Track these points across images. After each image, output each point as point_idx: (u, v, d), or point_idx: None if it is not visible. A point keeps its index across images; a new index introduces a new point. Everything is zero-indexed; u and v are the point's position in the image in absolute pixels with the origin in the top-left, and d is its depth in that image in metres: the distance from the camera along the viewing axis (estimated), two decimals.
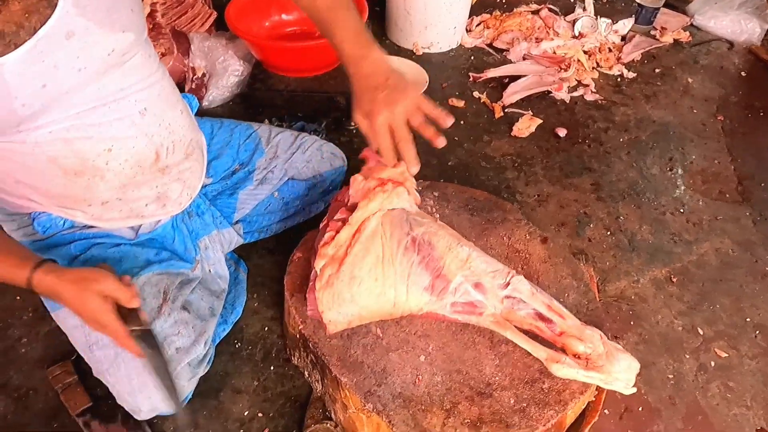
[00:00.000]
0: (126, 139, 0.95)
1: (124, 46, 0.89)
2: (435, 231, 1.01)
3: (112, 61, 0.88)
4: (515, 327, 0.98)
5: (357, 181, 1.05)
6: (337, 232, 0.98)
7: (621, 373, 0.94)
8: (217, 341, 1.20)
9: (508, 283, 0.98)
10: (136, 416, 1.03)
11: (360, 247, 0.96)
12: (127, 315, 0.88)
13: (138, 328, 0.88)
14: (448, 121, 0.94)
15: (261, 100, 1.84)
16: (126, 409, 1.01)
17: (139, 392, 0.98)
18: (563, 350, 0.96)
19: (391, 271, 0.96)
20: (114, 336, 0.88)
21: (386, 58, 0.95)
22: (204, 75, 1.87)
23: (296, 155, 1.36)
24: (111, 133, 0.93)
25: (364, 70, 0.93)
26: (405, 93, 0.91)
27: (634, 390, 0.96)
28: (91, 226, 1.04)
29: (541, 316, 0.97)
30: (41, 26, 0.78)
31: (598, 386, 1.08)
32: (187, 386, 1.04)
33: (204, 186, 1.22)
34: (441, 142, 0.93)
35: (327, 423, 1.06)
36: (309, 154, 1.37)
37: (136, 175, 1.01)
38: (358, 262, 0.95)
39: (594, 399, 1.08)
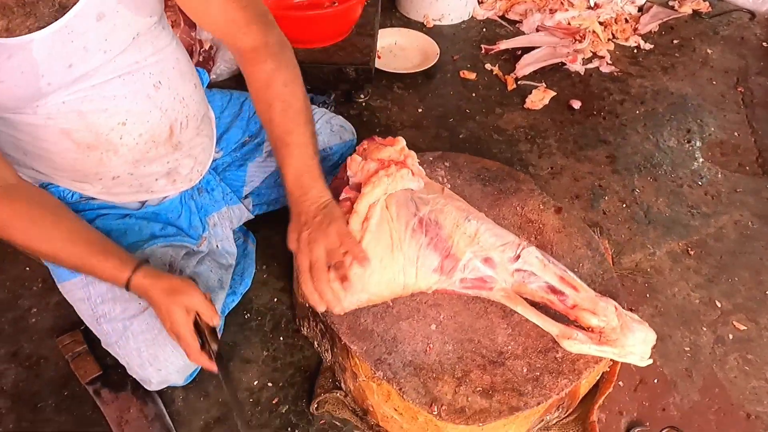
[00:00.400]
0: (141, 113, 0.93)
1: (147, 28, 0.89)
2: (441, 208, 0.99)
3: (135, 44, 0.88)
4: (526, 300, 0.96)
5: (355, 161, 1.03)
6: (346, 213, 0.96)
7: (635, 347, 0.92)
8: (227, 312, 1.19)
9: (518, 256, 0.96)
10: (146, 387, 1.03)
11: (370, 237, 0.94)
12: (203, 331, 0.91)
13: (213, 347, 0.91)
14: (365, 264, 0.92)
15: None
16: (136, 379, 1.01)
17: (149, 365, 0.97)
18: (576, 323, 0.94)
19: (400, 257, 0.95)
20: (187, 349, 0.90)
21: (323, 195, 0.95)
22: (211, 48, 1.84)
23: None
24: (126, 106, 0.91)
25: (298, 208, 0.94)
26: (326, 232, 0.90)
27: (650, 362, 0.94)
28: (92, 198, 1.03)
29: (552, 289, 0.95)
30: (72, 5, 0.77)
31: None
32: None
33: (214, 160, 1.20)
34: (347, 287, 0.90)
35: (337, 392, 1.05)
36: (318, 127, 1.34)
37: (150, 150, 0.98)
38: (369, 252, 0.93)
39: (609, 370, 1.06)
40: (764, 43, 2.21)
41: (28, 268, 1.30)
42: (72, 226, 0.89)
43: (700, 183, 1.60)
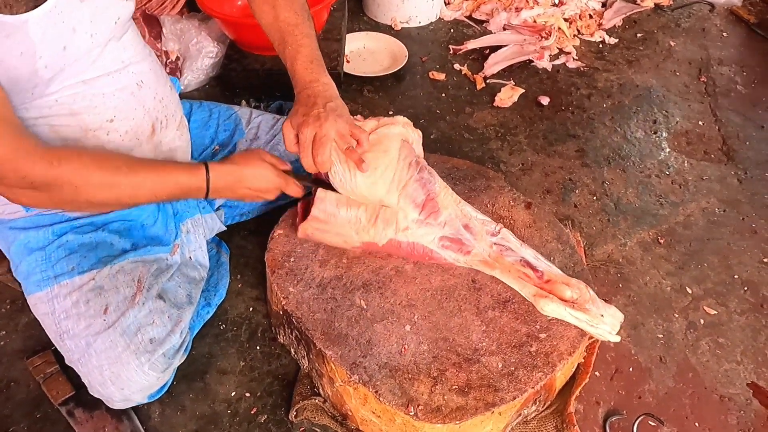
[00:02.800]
0: (126, 110, 0.97)
1: (126, 15, 0.94)
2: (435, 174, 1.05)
3: (116, 31, 0.93)
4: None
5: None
6: None
7: (607, 317, 0.95)
8: (201, 324, 1.18)
9: (498, 232, 1.00)
10: (109, 405, 1.01)
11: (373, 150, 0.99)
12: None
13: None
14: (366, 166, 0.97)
15: (237, 81, 1.79)
16: (97, 397, 0.99)
17: (111, 383, 0.95)
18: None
19: (389, 173, 0.98)
20: (295, 189, 1.03)
21: (333, 85, 1.00)
22: (178, 58, 1.82)
23: (277, 137, 1.33)
24: (114, 103, 0.95)
25: (309, 91, 0.97)
26: (337, 119, 0.94)
27: (618, 338, 0.97)
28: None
29: (528, 264, 0.98)
30: None
31: (587, 348, 1.07)
32: (162, 377, 1.00)
33: None
34: (365, 167, 0.96)
35: (315, 398, 1.04)
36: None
37: (134, 148, 1.01)
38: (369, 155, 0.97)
39: (584, 361, 1.08)
40: (724, 34, 2.26)
41: None
42: (130, 159, 0.93)
43: (667, 172, 1.63)
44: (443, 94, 1.89)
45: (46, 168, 0.80)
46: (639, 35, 2.23)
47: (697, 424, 1.08)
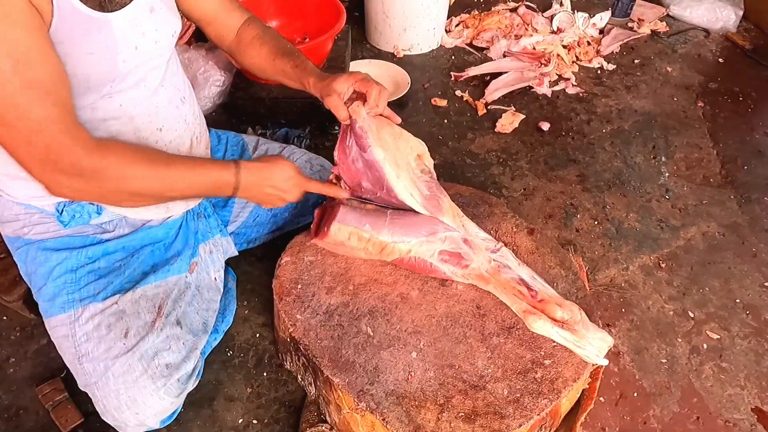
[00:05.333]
0: (173, 122, 1.05)
1: (179, 30, 1.03)
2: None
3: (172, 44, 1.02)
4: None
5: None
6: None
7: (594, 340, 0.98)
8: (209, 351, 1.19)
9: (497, 249, 1.06)
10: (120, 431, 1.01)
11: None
12: None
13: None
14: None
15: (244, 108, 1.83)
16: (110, 423, 1.00)
17: (127, 408, 0.96)
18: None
19: (404, 161, 1.07)
20: (327, 189, 1.10)
21: None
22: None
23: None
24: (164, 113, 1.03)
25: (324, 75, 1.10)
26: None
27: (606, 362, 0.99)
28: (104, 231, 1.04)
29: (524, 283, 1.02)
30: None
31: (591, 373, 1.08)
32: (176, 401, 1.02)
33: None
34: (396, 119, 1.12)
35: (322, 426, 1.05)
36: (300, 165, 1.38)
37: None
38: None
39: (588, 387, 1.08)
40: (720, 59, 2.31)
41: (5, 318, 1.29)
42: (167, 154, 0.99)
43: (667, 197, 1.66)
44: (445, 120, 1.93)
45: (97, 158, 0.85)
46: (636, 61, 2.27)
47: None
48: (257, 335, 1.25)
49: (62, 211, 0.99)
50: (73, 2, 0.81)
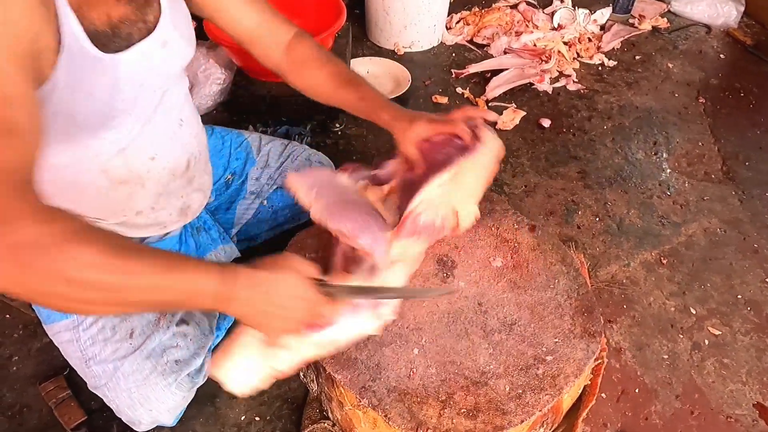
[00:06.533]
0: (167, 148, 0.99)
1: (189, 60, 0.97)
2: None
3: (179, 74, 0.96)
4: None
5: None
6: None
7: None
8: (211, 348, 1.19)
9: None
10: (135, 428, 1.02)
11: None
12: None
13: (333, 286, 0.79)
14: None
15: (244, 106, 1.83)
16: (124, 421, 1.01)
17: (140, 405, 0.97)
18: None
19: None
20: (332, 314, 0.80)
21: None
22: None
23: (286, 164, 1.36)
24: (157, 141, 0.96)
25: (398, 109, 1.01)
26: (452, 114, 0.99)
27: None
28: None
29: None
30: (148, 34, 0.85)
31: (593, 369, 1.08)
32: (188, 396, 1.03)
33: (207, 203, 1.23)
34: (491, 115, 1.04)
35: (324, 422, 1.05)
36: (298, 164, 1.38)
37: (170, 183, 1.02)
38: None
39: (590, 382, 1.08)
40: (721, 55, 2.30)
41: (8, 315, 1.29)
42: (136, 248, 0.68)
43: (668, 193, 1.66)
44: None
45: (45, 227, 0.59)
46: (637, 57, 2.27)
47: None
48: None
49: None
50: (82, 42, 0.74)
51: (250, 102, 1.83)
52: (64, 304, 0.64)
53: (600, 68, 2.21)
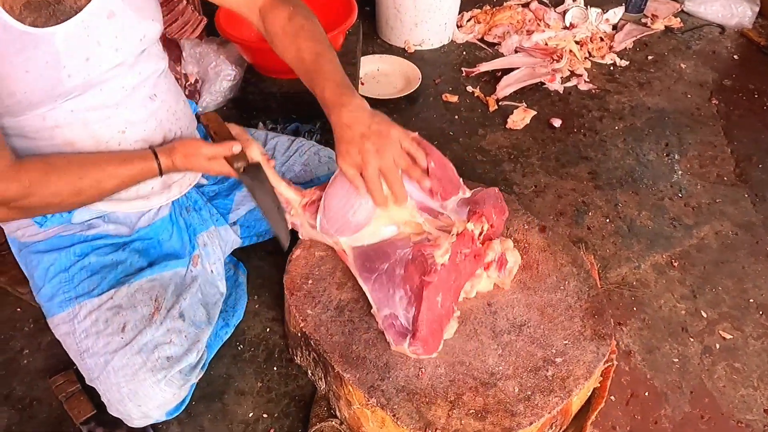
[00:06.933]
0: (137, 122, 0.99)
1: (152, 35, 0.97)
2: None
3: (141, 47, 0.96)
4: None
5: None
6: None
7: None
8: (219, 345, 1.19)
9: None
10: (128, 423, 1.02)
11: None
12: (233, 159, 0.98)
13: (242, 164, 0.98)
14: (428, 161, 0.99)
15: (254, 103, 1.83)
16: (116, 416, 1.00)
17: (129, 400, 0.96)
18: None
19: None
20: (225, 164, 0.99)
21: (366, 105, 0.96)
22: (197, 81, 1.87)
23: (293, 158, 1.36)
24: (126, 115, 0.97)
25: (345, 119, 0.93)
26: (390, 138, 0.93)
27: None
28: (90, 227, 1.04)
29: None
30: (86, 4, 0.85)
31: (603, 372, 1.07)
32: (179, 393, 1.01)
33: (201, 186, 1.22)
34: (426, 185, 0.98)
35: (332, 420, 1.05)
36: (306, 158, 1.37)
37: None
38: None
39: (599, 385, 1.08)
40: (735, 56, 2.28)
41: (19, 309, 1.30)
42: (82, 158, 0.93)
43: (680, 195, 1.64)
44: (456, 116, 1.92)
45: (17, 187, 0.83)
46: (650, 58, 2.25)
47: None
48: (268, 330, 1.26)
49: None
50: (4, 18, 0.76)
51: (261, 99, 1.83)
52: (57, 207, 0.92)
53: (612, 68, 2.19)
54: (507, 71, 2.10)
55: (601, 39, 2.31)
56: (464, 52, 2.27)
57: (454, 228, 0.98)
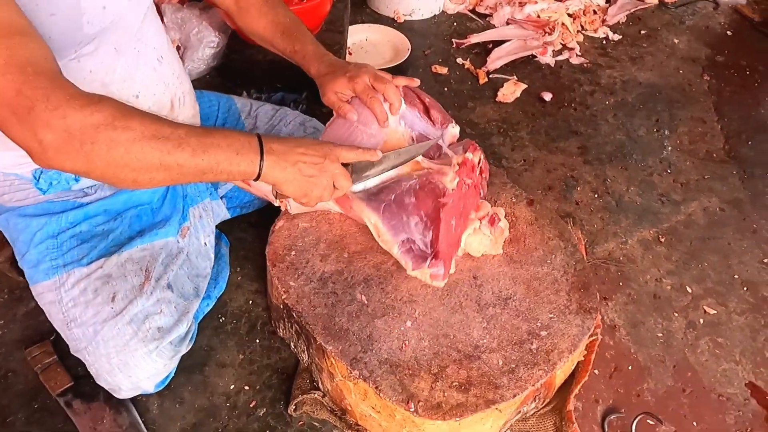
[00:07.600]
0: (149, 85, 0.99)
1: None
2: None
3: (150, 4, 0.98)
4: None
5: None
6: None
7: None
8: (201, 317, 1.17)
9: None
10: (116, 395, 1.01)
11: None
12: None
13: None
14: (413, 82, 1.12)
15: (238, 71, 1.78)
16: (105, 388, 0.99)
17: (119, 371, 0.95)
18: None
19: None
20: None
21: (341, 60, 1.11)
22: (179, 48, 1.80)
23: (277, 128, 1.32)
24: (139, 77, 0.96)
25: (327, 62, 1.08)
26: (368, 68, 1.06)
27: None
28: (85, 194, 1.01)
29: None
30: None
31: (587, 346, 1.07)
32: (169, 364, 1.01)
33: None
34: (415, 82, 1.12)
35: (315, 393, 1.04)
36: (291, 128, 1.34)
37: None
38: None
39: (583, 359, 1.08)
40: (728, 32, 2.25)
41: None
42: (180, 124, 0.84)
43: (669, 171, 1.63)
44: (445, 88, 1.88)
45: (87, 112, 0.72)
46: (643, 32, 2.22)
47: (695, 423, 1.08)
48: (250, 302, 1.24)
49: (39, 177, 0.96)
50: None
51: (245, 67, 1.77)
52: (132, 185, 0.80)
53: (604, 42, 2.16)
54: (498, 43, 2.06)
55: (594, 12, 2.27)
56: (455, 23, 2.22)
57: (454, 159, 1.03)
